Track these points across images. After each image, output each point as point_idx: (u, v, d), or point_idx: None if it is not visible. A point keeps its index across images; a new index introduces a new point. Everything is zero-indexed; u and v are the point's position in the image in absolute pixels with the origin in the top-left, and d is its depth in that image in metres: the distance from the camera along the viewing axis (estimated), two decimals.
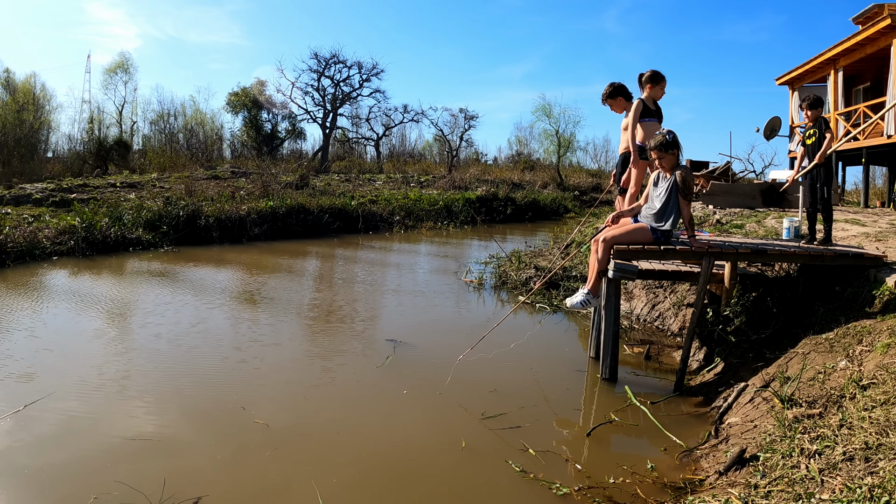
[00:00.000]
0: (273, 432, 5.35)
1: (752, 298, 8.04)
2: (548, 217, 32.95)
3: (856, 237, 9.12)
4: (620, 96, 8.07)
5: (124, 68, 48.82)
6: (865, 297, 6.35)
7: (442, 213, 27.22)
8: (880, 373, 4.74)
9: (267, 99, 50.38)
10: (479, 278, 12.81)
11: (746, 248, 6.93)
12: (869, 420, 4.08)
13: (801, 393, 5.11)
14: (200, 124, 51.81)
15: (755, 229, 11.05)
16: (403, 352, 7.78)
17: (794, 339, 6.44)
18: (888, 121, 17.72)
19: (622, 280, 7.42)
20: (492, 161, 60.94)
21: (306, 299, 10.84)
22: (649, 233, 6.79)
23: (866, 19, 22.52)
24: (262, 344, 7.97)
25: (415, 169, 48.11)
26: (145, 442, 5.11)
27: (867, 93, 23.32)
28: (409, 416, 5.85)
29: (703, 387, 6.72)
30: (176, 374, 6.77)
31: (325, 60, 50.19)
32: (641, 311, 10.06)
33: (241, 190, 24.01)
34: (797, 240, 8.44)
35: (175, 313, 9.35)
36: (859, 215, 12.00)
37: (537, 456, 4.98)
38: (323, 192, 26.81)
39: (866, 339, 5.52)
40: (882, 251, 7.34)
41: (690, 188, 6.71)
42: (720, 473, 4.43)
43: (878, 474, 3.46)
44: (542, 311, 10.20)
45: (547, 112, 46.91)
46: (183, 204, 19.19)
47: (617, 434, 5.56)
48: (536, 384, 6.86)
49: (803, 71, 23.15)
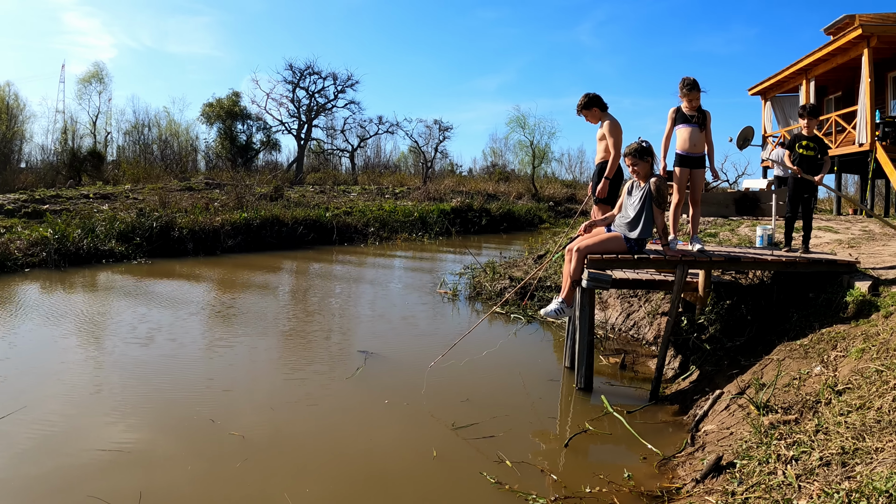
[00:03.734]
0: (248, 444, 5.26)
1: (727, 306, 8.05)
2: (522, 228, 32.97)
3: (829, 244, 9.18)
4: (595, 107, 8.07)
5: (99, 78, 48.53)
6: (839, 303, 6.37)
7: (417, 224, 27.15)
8: (855, 378, 4.74)
9: (242, 110, 50.16)
10: (453, 289, 12.75)
11: (720, 256, 6.93)
12: (845, 425, 4.07)
13: (777, 399, 5.11)
14: (175, 135, 51.48)
15: (729, 237, 11.09)
16: (375, 363, 7.70)
17: (769, 345, 6.44)
18: (859, 129, 17.91)
19: (596, 290, 7.40)
20: (467, 172, 61.03)
21: (280, 311, 10.73)
22: (623, 242, 6.77)
23: (837, 30, 22.78)
24: (236, 356, 7.87)
25: (390, 180, 48.01)
26: (120, 455, 5.00)
27: (839, 102, 23.60)
28: (380, 426, 5.78)
29: (678, 395, 6.70)
30: (149, 387, 6.64)
31: (300, 71, 50.04)
32: (616, 321, 10.04)
33: (216, 201, 23.80)
34: (771, 247, 8.48)
35: (148, 326, 9.20)
36: (832, 222, 12.09)
37: (513, 467, 4.92)
38: (297, 203, 26.66)
39: (841, 345, 5.53)
40: (855, 257, 7.38)
41: (664, 197, 6.70)
42: (697, 481, 4.39)
43: (856, 479, 3.44)
44: (516, 322, 10.15)
45: (521, 123, 47.14)
46: (156, 216, 18.96)
47: (593, 443, 5.52)
48: (510, 394, 6.80)
49: (775, 81, 23.38)
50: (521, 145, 49.03)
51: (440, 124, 53.94)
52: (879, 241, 9.12)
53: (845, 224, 11.78)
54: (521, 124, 47.26)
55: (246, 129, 51.00)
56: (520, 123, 47.25)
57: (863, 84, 17.96)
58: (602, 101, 8.11)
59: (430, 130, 54.64)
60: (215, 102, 49.32)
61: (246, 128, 50.99)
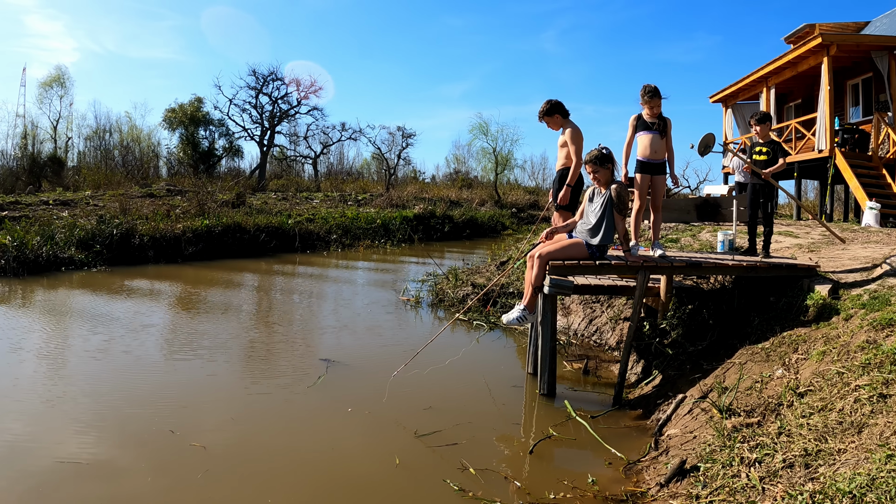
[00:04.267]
0: (210, 455, 5.16)
1: (689, 311, 8.09)
2: (485, 234, 32.99)
3: (789, 248, 9.26)
4: (557, 114, 8.06)
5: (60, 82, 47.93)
6: (800, 306, 6.42)
7: (379, 231, 27.03)
8: (817, 380, 4.77)
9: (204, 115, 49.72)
10: (416, 296, 12.70)
11: (682, 261, 6.96)
12: (807, 427, 4.09)
13: (740, 402, 5.12)
14: (136, 141, 50.87)
15: (690, 243, 11.16)
16: (337, 371, 7.62)
17: (731, 349, 6.48)
18: (819, 136, 18.16)
19: (558, 296, 7.39)
20: (430, 179, 61.12)
21: (241, 321, 10.58)
22: (584, 248, 6.77)
23: (798, 39, 23.14)
24: (196, 366, 7.73)
25: (352, 187, 47.79)
26: (79, 468, 4.87)
27: (798, 109, 23.99)
28: (343, 435, 5.70)
29: (642, 399, 6.71)
30: (107, 400, 6.47)
31: (264, 77, 49.77)
32: (579, 327, 10.05)
33: (177, 208, 23.47)
34: (732, 252, 8.53)
35: (106, 337, 9.01)
36: (792, 227, 12.22)
37: (476, 474, 4.88)
38: (260, 210, 26.43)
39: (802, 348, 5.57)
40: (815, 261, 7.45)
41: (625, 203, 6.72)
42: (661, 485, 4.38)
43: (819, 480, 3.45)
44: (479, 329, 10.12)
45: (484, 130, 47.35)
46: (117, 222, 18.63)
47: (558, 449, 5.50)
48: (473, 401, 6.76)
49: (737, 89, 23.65)
50: (484, 152, 49.29)
51: (403, 131, 54.07)
52: (839, 245, 9.22)
53: (805, 229, 11.91)
54: (483, 131, 47.51)
55: (208, 135, 50.57)
56: (483, 130, 47.50)
57: (822, 92, 18.23)
58: (564, 108, 8.10)
59: (393, 137, 54.77)
60: (177, 108, 48.74)
61: (208, 134, 50.56)
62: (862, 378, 4.40)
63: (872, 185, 16.66)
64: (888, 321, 5.09)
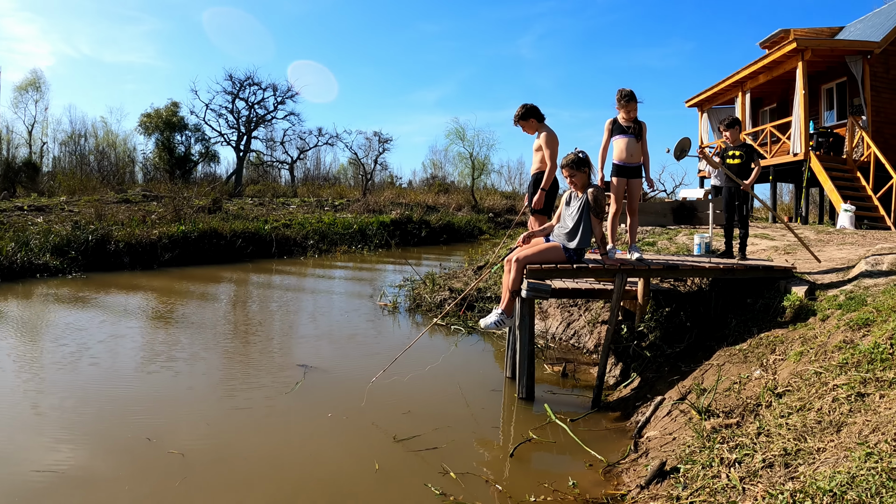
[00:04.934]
0: (187, 462, 5.10)
1: (666, 313, 8.11)
2: (462, 239, 33.01)
3: (765, 251, 9.32)
4: (532, 118, 8.06)
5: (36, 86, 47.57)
6: (777, 307, 6.45)
7: (356, 236, 26.96)
8: (795, 380, 4.78)
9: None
10: (393, 301, 12.66)
11: (659, 264, 6.97)
12: (786, 427, 4.09)
13: (718, 404, 5.13)
14: (112, 146, 50.55)
15: (667, 246, 11.21)
16: (315, 376, 7.57)
17: (709, 351, 6.50)
18: (794, 140, 18.33)
19: (536, 299, 7.38)
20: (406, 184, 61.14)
21: (218, 327, 10.49)
22: (562, 252, 6.77)
23: (773, 44, 23.36)
24: (174, 372, 7.64)
25: (329, 192, 47.76)
26: (55, 477, 4.79)
27: (773, 113, 24.21)
28: (322, 440, 5.66)
29: (620, 402, 6.71)
30: (86, 406, 6.39)
31: (240, 82, 49.56)
32: (557, 330, 10.06)
33: (153, 214, 23.27)
34: (708, 255, 8.57)
35: (83, 343, 8.89)
36: (768, 230, 12.31)
37: (457, 478, 4.85)
38: (236, 216, 26.28)
39: (779, 349, 5.59)
40: (791, 263, 7.50)
41: (602, 206, 6.73)
42: (642, 487, 4.38)
43: (799, 479, 3.45)
44: (457, 333, 10.09)
45: (461, 135, 47.43)
46: (92, 228, 18.44)
47: (538, 452, 5.48)
48: (452, 405, 6.73)
49: (712, 93, 23.82)
50: (461, 157, 49.36)
51: (380, 136, 54.10)
52: (815, 246, 9.29)
53: (781, 231, 11.99)
54: (460, 136, 47.61)
55: (184, 140, 50.31)
56: (459, 135, 47.59)
57: (797, 96, 18.41)
58: (539, 112, 8.11)
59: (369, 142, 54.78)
60: (153, 113, 48.46)
61: (184, 139, 50.31)
62: (840, 377, 4.41)
63: (847, 188, 16.85)
64: (864, 321, 5.12)
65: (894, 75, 18.62)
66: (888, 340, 4.56)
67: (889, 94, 18.48)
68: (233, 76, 49.47)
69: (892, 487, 3.06)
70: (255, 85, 50.20)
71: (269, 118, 52.20)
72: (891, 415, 3.68)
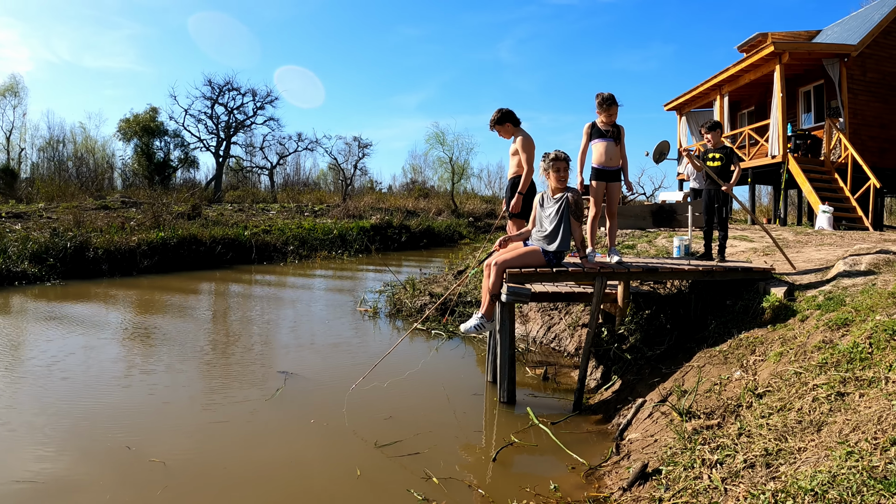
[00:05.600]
0: (169, 469, 5.04)
1: (646, 316, 8.12)
2: (442, 244, 32.99)
3: (744, 252, 9.37)
4: (508, 122, 8.06)
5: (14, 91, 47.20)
6: (756, 308, 6.48)
7: (336, 242, 26.88)
8: (775, 380, 4.80)
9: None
10: (373, 307, 12.62)
11: (638, 267, 6.98)
12: (767, 427, 4.10)
13: (699, 405, 5.14)
14: (91, 152, 50.15)
15: (647, 249, 11.24)
16: (295, 383, 7.52)
17: (689, 353, 6.50)
18: (772, 142, 18.46)
19: (516, 303, 7.37)
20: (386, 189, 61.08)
21: (198, 333, 10.41)
22: (541, 255, 6.76)
23: (750, 47, 23.57)
24: (154, 380, 7.56)
25: (309, 198, 47.54)
26: (35, 486, 4.72)
27: (752, 116, 24.44)
28: (303, 447, 5.61)
29: (602, 405, 6.71)
30: (66, 414, 6.30)
31: (219, 87, 49.40)
32: (537, 334, 10.06)
33: (132, 220, 23.11)
34: (688, 257, 8.60)
35: (63, 351, 8.80)
36: (747, 232, 12.38)
37: (440, 483, 4.83)
38: (216, 222, 26.13)
39: (759, 349, 5.61)
40: (770, 265, 7.53)
41: (582, 209, 6.73)
42: (624, 489, 4.37)
43: (781, 479, 3.45)
44: (438, 338, 10.07)
45: (440, 140, 47.33)
46: (71, 235, 18.30)
47: (520, 456, 5.46)
48: (434, 410, 6.70)
49: (691, 97, 23.99)
50: (441, 161, 49.23)
51: (360, 141, 54.12)
52: (793, 248, 9.34)
53: (760, 233, 12.05)
54: (440, 140, 47.49)
55: (163, 145, 50.01)
56: (439, 140, 47.48)
57: (775, 99, 18.56)
58: (515, 117, 8.10)
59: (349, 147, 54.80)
60: (132, 118, 48.13)
61: (163, 144, 50.00)
62: (819, 377, 4.43)
63: (825, 189, 16.98)
64: (843, 321, 5.14)
65: (871, 78, 18.81)
66: (867, 340, 4.58)
67: (866, 97, 18.67)
68: (212, 81, 49.44)
69: (873, 486, 3.06)
70: (234, 90, 50.13)
71: (248, 123, 52.11)
72: (871, 414, 3.69)
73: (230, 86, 49.77)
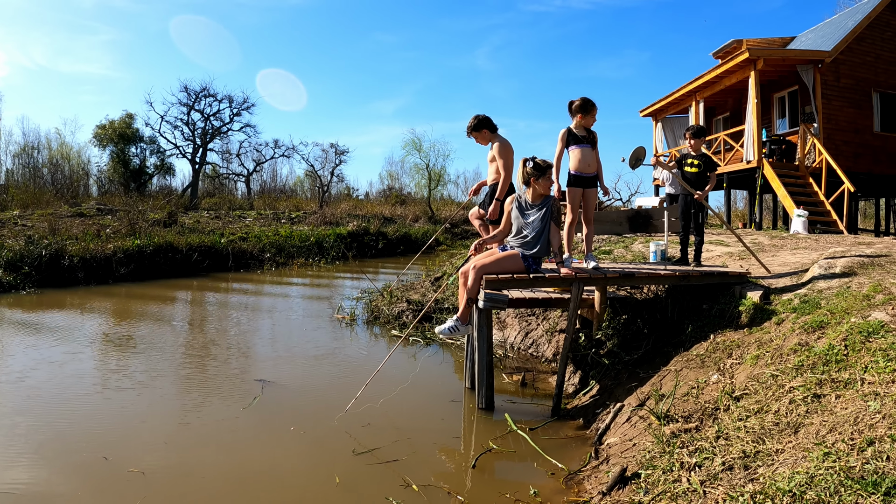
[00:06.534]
0: (148, 480, 4.98)
1: (623, 321, 8.14)
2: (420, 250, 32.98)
3: (720, 257, 9.41)
4: (485, 128, 8.08)
5: None
6: (732, 312, 6.51)
7: (313, 249, 26.77)
8: (752, 383, 4.81)
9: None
10: (351, 314, 12.57)
11: (615, 272, 7.00)
12: (745, 429, 4.11)
13: (677, 409, 5.15)
14: (66, 158, 49.46)
15: (623, 254, 11.28)
16: (273, 391, 7.46)
17: (667, 357, 6.53)
18: (747, 147, 18.61)
19: (493, 310, 7.37)
20: (363, 196, 61.01)
21: (175, 342, 10.30)
22: (520, 260, 6.76)
23: (726, 54, 23.75)
24: (129, 390, 7.46)
25: (286, 205, 47.33)
26: (17, 498, 4.66)
27: (727, 122, 24.63)
28: (281, 454, 5.56)
29: (580, 410, 6.71)
30: (42, 425, 6.21)
31: (196, 93, 48.95)
32: (515, 340, 10.05)
33: (108, 228, 22.88)
34: (664, 262, 8.63)
35: (38, 360, 8.68)
36: (723, 236, 12.43)
37: (419, 490, 4.80)
38: (192, 229, 25.95)
39: (736, 353, 5.63)
40: (746, 269, 7.58)
41: (560, 215, 6.76)
42: (604, 494, 4.37)
43: (759, 481, 3.46)
44: (415, 345, 10.05)
45: (417, 146, 47.32)
46: (46, 243, 18.05)
47: (499, 462, 5.45)
48: (411, 416, 6.67)
49: (666, 103, 24.11)
50: (417, 168, 49.22)
51: (336, 148, 53.85)
52: (768, 251, 9.40)
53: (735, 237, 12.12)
54: (416, 147, 47.48)
55: (139, 152, 49.45)
56: (416, 146, 47.47)
57: (750, 104, 18.71)
58: (492, 123, 8.12)
59: (326, 154, 54.50)
60: (108, 124, 47.57)
61: (139, 151, 49.46)
62: (796, 379, 4.45)
63: (800, 194, 17.13)
64: (819, 324, 5.18)
65: (845, 84, 19.02)
66: (842, 342, 4.61)
67: (840, 102, 18.87)
68: (188, 88, 48.90)
69: (851, 486, 3.08)
70: (210, 96, 49.70)
71: (224, 130, 51.68)
72: (847, 415, 3.71)
73: (206, 92, 49.38)
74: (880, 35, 19.74)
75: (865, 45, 19.46)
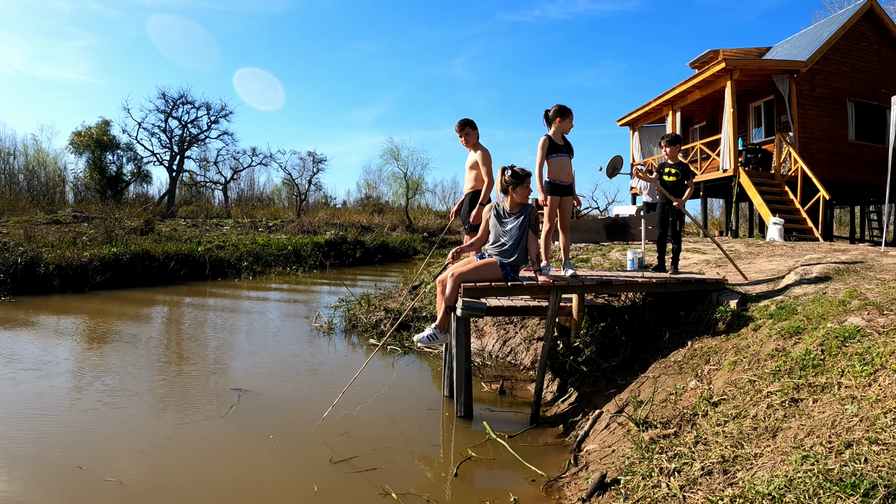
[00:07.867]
0: (126, 490, 4.91)
1: (601, 328, 8.15)
2: (397, 259, 32.94)
3: (697, 264, 9.46)
4: (476, 131, 8.20)
5: None
6: (709, 319, 6.54)
7: (291, 257, 26.66)
8: (729, 389, 4.83)
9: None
10: (328, 323, 12.52)
11: (593, 280, 7.01)
12: (723, 434, 4.12)
13: (655, 415, 5.16)
14: (42, 165, 48.88)
15: (601, 262, 11.31)
16: (249, 400, 7.40)
17: (645, 364, 6.54)
18: (723, 156, 18.76)
19: (472, 318, 7.35)
20: (341, 204, 60.76)
21: (149, 353, 10.19)
22: (498, 268, 6.75)
23: (702, 64, 23.93)
24: (105, 401, 7.36)
25: (263, 213, 47.16)
26: None
27: (703, 131, 24.85)
28: (258, 464, 5.50)
29: (559, 417, 6.71)
30: (17, 435, 6.11)
31: (173, 100, 48.60)
32: (493, 348, 10.04)
33: (84, 235, 22.66)
34: (642, 270, 8.66)
35: (12, 370, 8.56)
36: (699, 244, 12.51)
37: (398, 499, 4.77)
38: (169, 237, 25.78)
39: (713, 359, 5.65)
40: (722, 276, 7.62)
41: (538, 224, 6.78)
42: (583, 500, 4.36)
43: (738, 485, 3.47)
44: (393, 353, 10.02)
45: (395, 155, 47.47)
46: (21, 250, 17.88)
47: (478, 469, 5.42)
48: (390, 425, 6.63)
49: (643, 112, 24.27)
50: (395, 177, 49.37)
51: (314, 156, 53.87)
52: (745, 259, 9.46)
53: (713, 245, 12.18)
54: (394, 156, 47.65)
55: (116, 159, 49.00)
56: (393, 155, 47.63)
57: (726, 114, 18.89)
58: (476, 129, 8.23)
59: (304, 162, 54.46)
60: (84, 131, 47.08)
61: (116, 158, 49.00)
62: (773, 384, 4.48)
63: (775, 202, 17.30)
64: (795, 329, 5.21)
65: (820, 93, 19.25)
66: (819, 347, 4.64)
67: (815, 111, 19.09)
68: (166, 94, 48.57)
69: (829, 488, 3.09)
70: (188, 104, 49.40)
71: (202, 137, 51.37)
72: (824, 418, 3.73)
73: (184, 99, 49.04)
74: (855, 45, 20.01)
75: (840, 56, 19.73)
